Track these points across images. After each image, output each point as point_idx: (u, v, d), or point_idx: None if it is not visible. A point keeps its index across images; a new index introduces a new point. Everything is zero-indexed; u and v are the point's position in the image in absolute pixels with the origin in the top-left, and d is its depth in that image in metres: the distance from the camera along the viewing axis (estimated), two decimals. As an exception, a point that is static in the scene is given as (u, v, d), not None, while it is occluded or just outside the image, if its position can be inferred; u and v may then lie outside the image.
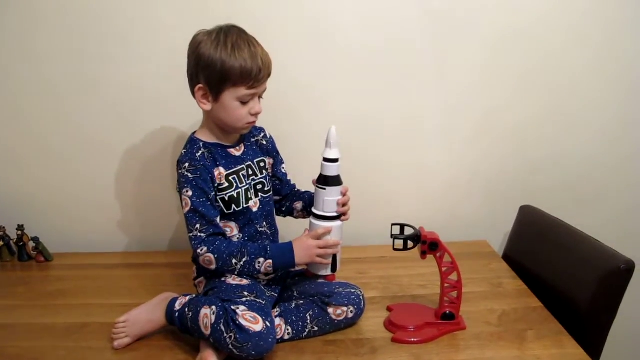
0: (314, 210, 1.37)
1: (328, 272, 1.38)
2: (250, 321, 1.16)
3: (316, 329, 1.32)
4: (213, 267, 1.32)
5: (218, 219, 1.35)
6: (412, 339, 1.31)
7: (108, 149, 1.78)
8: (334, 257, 1.37)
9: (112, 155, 1.79)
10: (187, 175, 1.32)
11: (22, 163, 1.80)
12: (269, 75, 1.34)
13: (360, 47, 1.73)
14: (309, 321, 1.31)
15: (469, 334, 1.34)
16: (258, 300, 1.26)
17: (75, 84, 1.72)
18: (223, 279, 1.34)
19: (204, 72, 1.30)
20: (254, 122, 1.37)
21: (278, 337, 1.28)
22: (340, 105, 1.77)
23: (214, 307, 1.20)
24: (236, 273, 1.33)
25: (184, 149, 1.38)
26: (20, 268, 1.74)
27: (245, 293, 1.28)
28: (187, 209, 1.32)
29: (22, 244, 1.75)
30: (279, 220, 1.55)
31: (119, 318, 1.31)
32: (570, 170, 1.88)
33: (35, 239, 1.75)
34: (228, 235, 1.38)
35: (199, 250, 1.31)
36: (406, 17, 1.71)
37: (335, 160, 1.32)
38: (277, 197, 1.55)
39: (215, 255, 1.30)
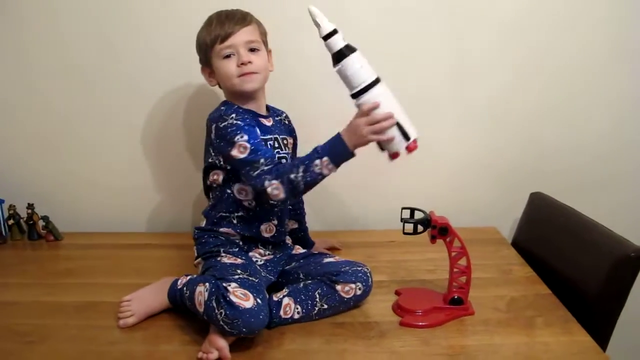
0: (350, 95, 1.25)
1: (403, 143, 1.24)
2: (241, 298, 1.17)
3: (326, 306, 1.32)
4: (282, 196, 1.27)
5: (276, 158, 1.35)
6: (420, 323, 1.30)
7: (120, 129, 1.79)
8: (399, 126, 1.24)
9: (124, 137, 1.80)
10: (237, 123, 1.33)
11: (34, 142, 1.81)
12: (240, 23, 1.37)
13: (374, 31, 1.72)
14: (318, 299, 1.31)
15: (477, 320, 1.33)
16: (251, 278, 1.26)
17: (96, 66, 1.73)
18: (218, 259, 1.36)
19: (199, 56, 1.44)
20: (250, 72, 1.37)
21: (287, 316, 1.29)
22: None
23: (207, 285, 1.22)
24: (302, 188, 1.27)
25: (222, 106, 1.39)
26: (30, 247, 1.76)
27: (239, 271, 1.29)
28: (247, 152, 1.30)
29: (32, 222, 1.76)
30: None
31: (124, 297, 1.33)
32: (581, 157, 1.87)
33: (45, 218, 1.76)
34: (241, 199, 1.40)
35: (265, 185, 1.27)
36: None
37: (333, 33, 1.21)
38: None
39: (279, 180, 1.27)
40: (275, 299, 1.30)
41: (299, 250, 1.53)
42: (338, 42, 1.21)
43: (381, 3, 1.71)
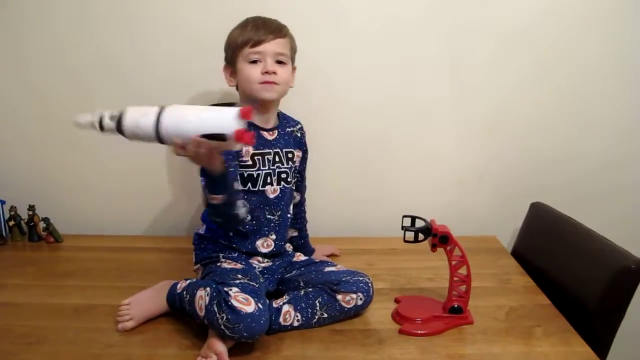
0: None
1: (230, 144, 1.08)
2: (243, 302, 1.17)
3: (325, 315, 1.32)
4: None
5: None
6: (419, 331, 1.30)
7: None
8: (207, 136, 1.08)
9: (125, 140, 1.79)
10: None
11: (35, 144, 1.81)
12: (275, 33, 1.38)
13: (375, 44, 1.73)
14: (318, 308, 1.31)
15: (476, 329, 1.33)
16: (251, 283, 1.27)
17: (94, 67, 1.73)
18: (218, 264, 1.37)
19: (226, 54, 1.43)
20: (272, 83, 1.37)
21: (287, 323, 1.29)
22: (354, 96, 1.77)
23: (208, 289, 1.22)
24: (227, 224, 1.38)
25: None
26: (30, 248, 1.75)
27: (239, 276, 1.29)
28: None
29: (32, 224, 1.76)
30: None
31: (123, 301, 1.32)
32: (582, 167, 1.87)
33: (46, 220, 1.76)
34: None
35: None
36: (420, 10, 1.72)
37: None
38: (295, 200, 1.57)
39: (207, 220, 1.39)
40: (275, 305, 1.30)
41: (300, 257, 1.52)
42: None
43: (382, 16, 1.71)
